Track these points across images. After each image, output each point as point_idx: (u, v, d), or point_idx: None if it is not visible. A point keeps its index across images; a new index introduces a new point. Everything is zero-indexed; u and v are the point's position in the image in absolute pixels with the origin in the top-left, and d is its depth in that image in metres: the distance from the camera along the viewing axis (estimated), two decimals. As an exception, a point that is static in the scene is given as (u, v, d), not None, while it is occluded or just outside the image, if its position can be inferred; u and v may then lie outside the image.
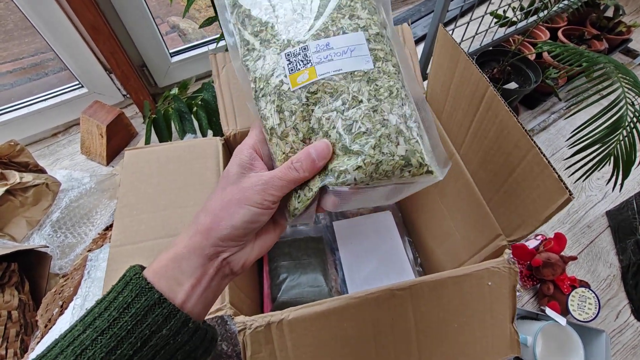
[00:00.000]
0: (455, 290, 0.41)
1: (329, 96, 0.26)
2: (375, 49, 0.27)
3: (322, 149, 0.25)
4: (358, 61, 0.26)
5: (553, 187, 0.32)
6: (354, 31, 0.27)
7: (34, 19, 0.85)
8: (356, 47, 0.27)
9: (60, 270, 0.64)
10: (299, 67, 0.26)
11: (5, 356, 0.53)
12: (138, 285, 0.22)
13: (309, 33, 0.27)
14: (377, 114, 0.26)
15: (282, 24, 0.28)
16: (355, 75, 0.26)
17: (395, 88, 0.27)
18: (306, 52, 0.26)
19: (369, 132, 0.25)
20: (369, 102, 0.26)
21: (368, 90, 0.26)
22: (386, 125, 0.25)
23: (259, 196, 0.24)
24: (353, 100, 0.26)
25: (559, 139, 1.04)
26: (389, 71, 0.27)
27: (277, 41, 0.27)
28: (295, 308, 0.39)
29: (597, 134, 0.60)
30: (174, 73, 1.10)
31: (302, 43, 0.27)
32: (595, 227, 0.87)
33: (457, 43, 0.44)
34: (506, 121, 0.37)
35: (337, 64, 0.26)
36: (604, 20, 1.18)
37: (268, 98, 0.27)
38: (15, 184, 0.66)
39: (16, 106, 0.98)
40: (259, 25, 0.28)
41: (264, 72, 0.27)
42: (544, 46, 0.77)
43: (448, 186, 0.56)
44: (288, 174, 0.25)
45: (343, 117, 0.26)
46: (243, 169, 0.25)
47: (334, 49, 0.26)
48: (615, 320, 0.73)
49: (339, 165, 0.25)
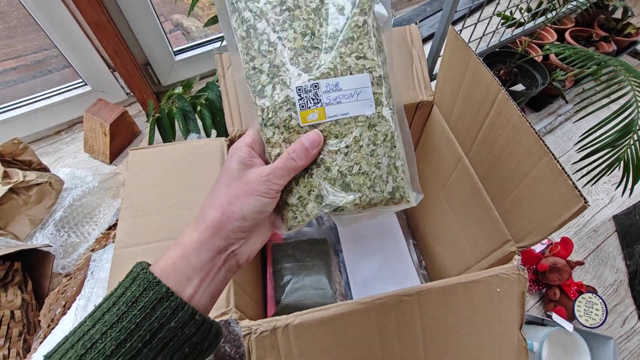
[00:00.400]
0: (463, 296, 0.41)
1: (334, 137, 0.28)
2: (377, 92, 0.29)
3: (313, 138, 0.27)
4: (363, 105, 0.29)
5: (568, 194, 0.32)
6: (360, 72, 0.29)
7: (38, 16, 0.84)
8: (362, 91, 0.29)
9: (63, 269, 0.64)
10: (309, 105, 0.28)
11: (8, 356, 0.53)
12: (146, 279, 0.23)
13: (320, 70, 0.28)
14: (373, 158, 0.29)
15: (292, 50, 0.28)
16: (359, 120, 0.29)
17: (390, 132, 0.30)
18: (317, 91, 0.28)
19: (366, 174, 0.29)
20: (368, 147, 0.29)
21: (368, 135, 0.29)
22: (380, 167, 0.29)
23: (265, 186, 0.26)
24: (355, 144, 0.29)
25: (566, 142, 1.03)
26: (386, 115, 0.30)
27: (288, 71, 0.28)
28: (301, 313, 0.38)
29: (606, 138, 0.60)
30: (177, 72, 1.10)
31: (314, 80, 0.28)
32: (602, 231, 0.86)
33: (468, 45, 0.44)
34: (518, 126, 0.37)
35: (344, 108, 0.28)
36: (612, 21, 1.16)
37: (276, 129, 0.28)
38: (18, 182, 0.66)
39: (20, 104, 0.98)
40: (267, 44, 0.28)
41: (273, 103, 0.28)
42: (552, 48, 0.76)
43: (455, 189, 0.56)
44: (287, 163, 0.27)
45: (345, 159, 0.28)
46: (244, 165, 0.27)
47: (343, 90, 0.28)
48: (622, 327, 0.72)
49: (337, 200, 0.28)
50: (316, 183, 0.29)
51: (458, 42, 0.46)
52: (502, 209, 0.44)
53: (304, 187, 0.29)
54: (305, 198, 0.29)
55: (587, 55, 0.67)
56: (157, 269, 0.24)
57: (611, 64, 0.63)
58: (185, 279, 0.24)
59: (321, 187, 0.29)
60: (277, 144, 0.28)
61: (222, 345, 0.60)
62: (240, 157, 0.27)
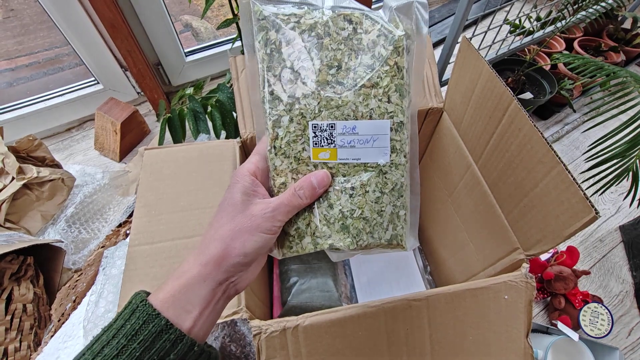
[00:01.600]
0: (471, 302, 0.41)
1: (342, 176, 0.28)
2: (395, 140, 0.28)
3: (322, 178, 0.27)
4: (377, 153, 0.28)
5: (579, 205, 0.32)
6: (380, 117, 0.27)
7: (54, 14, 0.86)
8: (379, 137, 0.27)
9: (73, 265, 0.65)
10: (322, 144, 0.27)
11: (19, 348, 0.54)
12: (145, 312, 0.23)
13: (340, 109, 0.27)
14: (377, 205, 0.28)
15: (315, 83, 0.27)
16: (369, 165, 0.28)
17: (399, 181, 0.29)
18: (332, 132, 0.27)
19: (367, 220, 0.28)
20: (374, 194, 0.28)
21: (376, 182, 0.28)
22: (382, 215, 0.28)
23: (269, 223, 0.26)
24: (361, 189, 0.28)
25: (573, 150, 1.03)
26: (399, 163, 0.28)
27: (308, 106, 0.27)
28: (310, 314, 0.39)
29: (615, 149, 0.60)
30: (188, 72, 1.11)
31: (332, 120, 0.27)
32: (608, 241, 0.86)
33: (480, 55, 0.44)
34: (530, 135, 0.37)
35: (357, 152, 0.27)
36: (622, 32, 1.16)
37: (286, 159, 0.28)
38: (32, 178, 0.67)
39: (32, 101, 0.99)
40: (290, 72, 0.27)
41: (288, 134, 0.28)
42: (561, 58, 0.76)
43: (463, 196, 0.56)
44: (292, 200, 0.27)
45: (349, 201, 0.28)
46: (247, 196, 0.26)
47: (359, 134, 0.27)
48: (628, 338, 0.72)
49: (335, 242, 0.28)
50: (315, 219, 0.28)
51: (470, 50, 0.47)
52: (511, 217, 0.44)
53: (302, 220, 0.28)
54: (302, 231, 0.28)
55: (597, 66, 0.67)
56: (157, 301, 0.24)
57: (621, 75, 0.63)
58: (184, 311, 0.24)
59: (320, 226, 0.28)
60: (283, 173, 0.28)
61: (227, 344, 0.61)
62: (243, 187, 0.27)
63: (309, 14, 0.27)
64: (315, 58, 0.27)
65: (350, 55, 0.27)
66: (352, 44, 0.27)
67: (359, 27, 0.27)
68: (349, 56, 0.27)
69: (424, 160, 0.69)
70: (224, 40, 1.15)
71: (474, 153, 0.51)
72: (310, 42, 0.27)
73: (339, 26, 0.27)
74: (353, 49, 0.27)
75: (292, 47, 0.27)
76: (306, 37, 0.27)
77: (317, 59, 0.27)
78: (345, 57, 0.27)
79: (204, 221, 0.46)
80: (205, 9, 0.75)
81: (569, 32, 1.20)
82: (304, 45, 0.27)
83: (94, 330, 0.47)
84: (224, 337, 0.61)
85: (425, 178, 0.71)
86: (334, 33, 0.27)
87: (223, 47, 1.13)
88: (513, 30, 0.99)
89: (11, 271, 0.55)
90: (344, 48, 0.27)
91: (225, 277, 0.25)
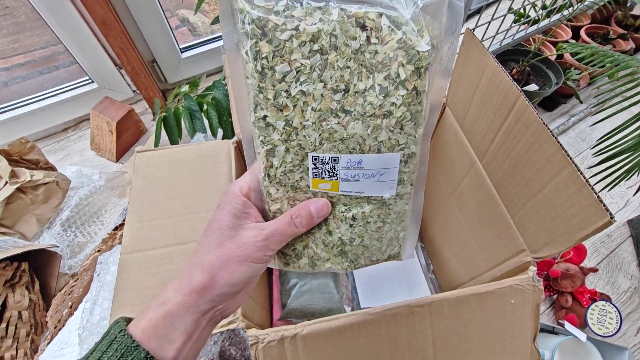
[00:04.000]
0: (476, 307, 0.40)
1: (343, 205, 0.26)
2: (403, 172, 0.25)
3: (321, 207, 0.25)
4: (382, 187, 0.25)
5: (591, 208, 0.30)
6: (390, 150, 0.24)
7: (44, 13, 0.84)
8: (386, 172, 0.24)
9: (69, 270, 0.64)
10: (323, 176, 0.24)
11: (15, 356, 0.53)
12: (123, 344, 0.21)
13: (345, 143, 0.23)
14: (377, 233, 0.27)
15: (317, 112, 0.22)
16: (373, 199, 0.26)
17: (403, 210, 0.27)
18: (335, 165, 0.24)
19: (366, 247, 0.27)
20: (375, 224, 0.27)
21: (379, 213, 0.26)
22: (381, 241, 0.28)
23: (261, 252, 0.24)
24: (362, 219, 0.26)
25: (579, 143, 1.00)
26: (405, 192, 0.26)
27: (308, 138, 0.23)
28: (309, 322, 0.37)
29: (626, 143, 0.57)
30: (184, 69, 1.09)
31: (335, 154, 0.23)
32: (616, 236, 0.84)
33: (484, 47, 0.42)
34: (538, 134, 0.35)
35: (361, 186, 0.25)
36: (631, 18, 1.13)
37: (282, 188, 0.25)
38: (25, 181, 0.66)
39: (27, 101, 0.98)
40: (286, 96, 0.22)
41: (284, 165, 0.24)
42: (569, 47, 0.73)
43: (467, 194, 0.54)
44: (287, 229, 0.25)
45: (349, 230, 0.26)
46: (238, 219, 0.24)
47: (365, 169, 0.24)
48: (637, 335, 0.70)
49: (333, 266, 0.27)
50: (313, 244, 0.27)
51: (474, 43, 0.44)
52: (517, 217, 0.42)
53: (300, 242, 0.27)
54: (300, 252, 0.27)
55: (606, 55, 0.65)
56: (137, 330, 0.22)
57: (632, 64, 0.60)
58: (167, 342, 0.22)
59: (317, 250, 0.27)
60: (279, 200, 0.26)
61: (227, 348, 0.60)
62: (234, 208, 0.24)
63: (311, 15, 0.21)
64: (317, 80, 0.22)
65: (360, 74, 0.22)
66: (363, 58, 0.22)
67: (373, 35, 0.21)
68: (359, 76, 0.22)
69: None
70: (219, 36, 1.12)
71: (478, 150, 0.49)
72: (312, 59, 0.21)
73: (349, 34, 0.21)
74: (365, 66, 0.22)
75: (287, 65, 0.21)
76: (307, 52, 0.21)
77: (320, 82, 0.22)
78: (355, 77, 0.22)
79: (199, 226, 0.44)
80: (198, 5, 0.72)
81: (575, 20, 1.16)
82: (303, 63, 0.21)
83: (89, 338, 0.46)
84: (224, 341, 0.60)
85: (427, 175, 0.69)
86: (343, 45, 0.21)
87: (219, 42, 1.11)
88: (518, 19, 0.96)
89: (5, 278, 0.54)
90: (353, 65, 0.22)
91: (210, 306, 0.23)
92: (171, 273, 0.41)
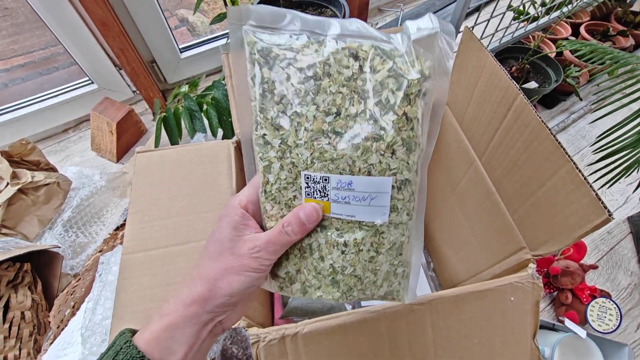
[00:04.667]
0: (476, 305, 0.40)
1: (335, 230, 0.25)
2: (396, 198, 0.25)
3: (310, 212, 0.25)
4: (374, 212, 0.25)
5: (590, 206, 0.30)
6: (381, 174, 0.24)
7: (44, 14, 0.84)
8: (377, 196, 0.24)
9: (71, 270, 0.64)
10: (315, 195, 0.25)
11: (19, 356, 0.53)
12: (129, 354, 0.22)
13: (335, 163, 0.24)
14: (371, 264, 0.26)
15: (309, 132, 0.24)
16: (365, 225, 0.25)
17: (399, 241, 0.26)
18: (326, 185, 0.24)
19: (359, 278, 0.26)
20: (368, 253, 0.25)
21: (371, 242, 0.25)
22: (376, 274, 0.26)
23: (257, 263, 0.24)
24: (354, 247, 0.25)
25: (579, 140, 1.00)
26: (400, 221, 0.26)
27: (300, 156, 0.24)
28: (310, 321, 0.37)
29: (625, 140, 0.57)
30: (183, 69, 1.09)
31: (325, 173, 0.24)
32: (616, 233, 0.84)
33: (484, 46, 0.42)
34: (537, 132, 0.35)
35: (351, 210, 0.25)
36: (630, 14, 1.12)
37: (276, 204, 0.26)
38: (27, 183, 0.66)
39: (28, 102, 0.98)
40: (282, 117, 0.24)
41: (278, 181, 0.25)
42: (568, 45, 0.73)
43: (467, 193, 0.54)
44: (280, 238, 0.25)
45: (341, 257, 0.25)
46: (237, 231, 0.25)
47: (355, 190, 0.24)
48: (637, 332, 0.71)
49: (324, 295, 0.26)
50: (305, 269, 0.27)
51: (473, 41, 0.44)
52: (517, 215, 0.42)
53: (293, 265, 0.27)
54: (293, 276, 0.27)
55: (605, 53, 0.65)
56: (141, 342, 0.23)
57: (631, 61, 0.60)
58: (169, 353, 0.23)
59: (309, 277, 0.27)
60: (274, 218, 0.26)
61: (229, 347, 0.60)
62: (233, 221, 0.25)
63: (308, 47, 0.24)
64: (310, 103, 0.24)
65: (352, 100, 0.23)
66: (355, 85, 0.23)
67: (365, 64, 0.23)
68: (351, 101, 0.24)
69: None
70: (219, 35, 1.12)
71: (477, 149, 0.49)
72: (307, 83, 0.24)
73: (342, 64, 0.23)
74: (357, 92, 0.23)
75: (285, 89, 0.24)
76: (302, 78, 0.24)
77: (313, 104, 0.24)
78: (346, 102, 0.24)
79: (199, 227, 0.44)
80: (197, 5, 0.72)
81: (575, 17, 1.16)
82: (299, 88, 0.24)
83: (91, 337, 0.47)
84: (226, 340, 0.60)
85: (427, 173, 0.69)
86: (335, 73, 0.23)
87: (218, 42, 1.11)
88: (517, 16, 0.96)
89: (8, 279, 0.55)
90: (345, 91, 0.23)
91: (210, 317, 0.24)
92: (172, 273, 0.41)
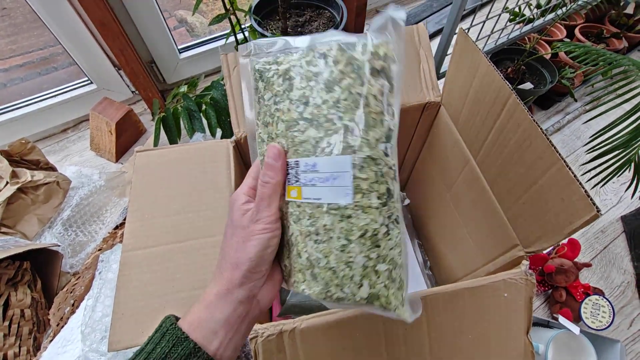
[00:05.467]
0: (470, 301, 0.41)
1: (307, 219, 0.26)
2: (360, 177, 0.25)
3: (273, 152, 0.27)
4: (337, 193, 0.25)
5: (580, 203, 0.31)
6: (342, 153, 0.25)
7: (42, 14, 0.84)
8: (339, 176, 0.25)
9: (71, 268, 0.65)
10: (291, 182, 0.27)
11: (19, 354, 0.54)
12: (175, 335, 0.24)
13: (303, 146, 0.26)
14: (344, 254, 0.25)
15: (284, 122, 0.27)
16: (331, 207, 0.25)
17: (371, 228, 0.25)
18: (297, 169, 0.26)
19: (334, 271, 0.26)
20: (339, 241, 0.25)
21: (340, 227, 0.25)
22: (351, 267, 0.25)
23: (260, 224, 0.27)
24: (325, 234, 0.26)
25: (574, 140, 1.02)
26: (369, 205, 0.25)
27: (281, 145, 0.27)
28: (307, 317, 0.38)
29: (617, 139, 0.59)
30: (182, 69, 1.09)
31: (295, 157, 0.26)
32: (610, 232, 0.85)
33: (478, 47, 0.43)
34: (529, 131, 0.36)
35: (318, 192, 0.25)
36: (624, 17, 1.14)
37: None
38: (26, 182, 0.67)
39: (27, 102, 0.98)
40: (269, 115, 0.28)
41: None
42: (562, 46, 0.75)
43: (462, 191, 0.55)
44: (263, 191, 0.27)
45: (315, 248, 0.26)
46: (243, 212, 0.28)
47: (319, 172, 0.25)
48: (629, 329, 0.72)
49: (307, 289, 0.27)
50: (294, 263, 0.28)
51: (468, 43, 0.45)
52: (510, 213, 0.43)
53: (287, 258, 0.29)
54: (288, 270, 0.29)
55: (598, 54, 0.66)
56: (185, 323, 0.25)
57: (623, 63, 0.62)
58: (211, 333, 0.25)
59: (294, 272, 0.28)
60: None
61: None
62: (238, 208, 0.28)
63: (286, 57, 0.28)
64: (286, 100, 0.27)
65: (319, 91, 0.26)
66: (322, 78, 0.26)
67: (330, 60, 0.26)
68: (318, 92, 0.26)
69: (422, 155, 0.68)
70: (217, 36, 1.13)
71: (472, 148, 0.50)
72: (283, 85, 0.27)
73: (312, 64, 0.27)
74: (323, 82, 0.26)
75: (270, 93, 0.28)
76: (280, 82, 0.27)
77: (287, 100, 0.27)
78: (314, 93, 0.26)
79: (198, 224, 0.45)
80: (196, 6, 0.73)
81: (570, 19, 1.17)
82: (278, 90, 0.27)
83: (91, 335, 0.47)
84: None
85: (423, 173, 0.70)
86: (306, 72, 0.27)
87: (217, 42, 1.11)
88: (512, 18, 0.97)
89: (7, 277, 0.55)
90: (313, 84, 0.26)
91: (243, 293, 0.26)
92: (171, 270, 0.42)
